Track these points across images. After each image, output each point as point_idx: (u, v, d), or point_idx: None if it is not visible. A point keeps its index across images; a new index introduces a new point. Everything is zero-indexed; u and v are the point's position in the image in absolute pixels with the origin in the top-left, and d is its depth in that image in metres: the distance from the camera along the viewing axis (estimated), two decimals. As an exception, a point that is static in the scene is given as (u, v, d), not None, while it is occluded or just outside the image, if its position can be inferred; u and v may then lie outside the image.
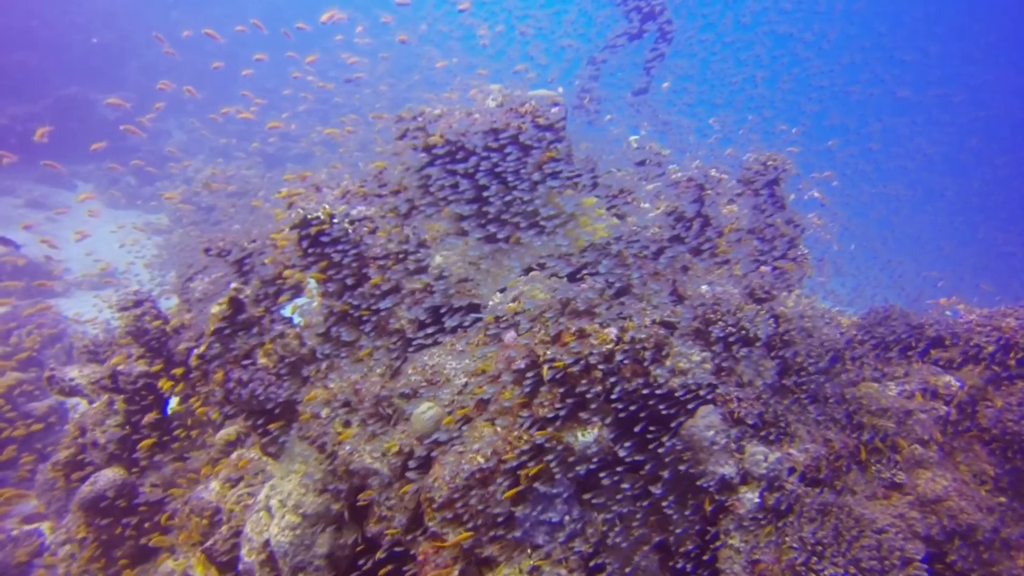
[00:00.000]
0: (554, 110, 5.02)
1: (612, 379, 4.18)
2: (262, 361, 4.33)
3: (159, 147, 22.16)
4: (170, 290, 6.75)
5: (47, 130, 9.28)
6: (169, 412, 6.10)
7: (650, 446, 4.57)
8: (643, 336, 4.23)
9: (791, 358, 5.63)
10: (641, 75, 13.54)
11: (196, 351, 4.46)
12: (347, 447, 4.31)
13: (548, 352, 3.99)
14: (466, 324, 4.75)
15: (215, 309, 4.32)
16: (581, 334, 4.05)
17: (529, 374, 4.08)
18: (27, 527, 8.44)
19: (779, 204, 6.15)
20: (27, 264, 15.82)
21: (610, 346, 4.02)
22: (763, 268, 5.78)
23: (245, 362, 4.27)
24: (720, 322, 5.24)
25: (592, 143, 6.25)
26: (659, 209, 6.23)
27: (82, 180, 23.96)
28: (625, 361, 4.19)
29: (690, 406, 4.83)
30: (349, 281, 4.52)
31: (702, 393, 4.79)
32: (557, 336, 4.13)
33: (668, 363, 4.70)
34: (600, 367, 4.06)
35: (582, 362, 4.02)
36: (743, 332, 5.30)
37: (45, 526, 8.35)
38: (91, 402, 6.13)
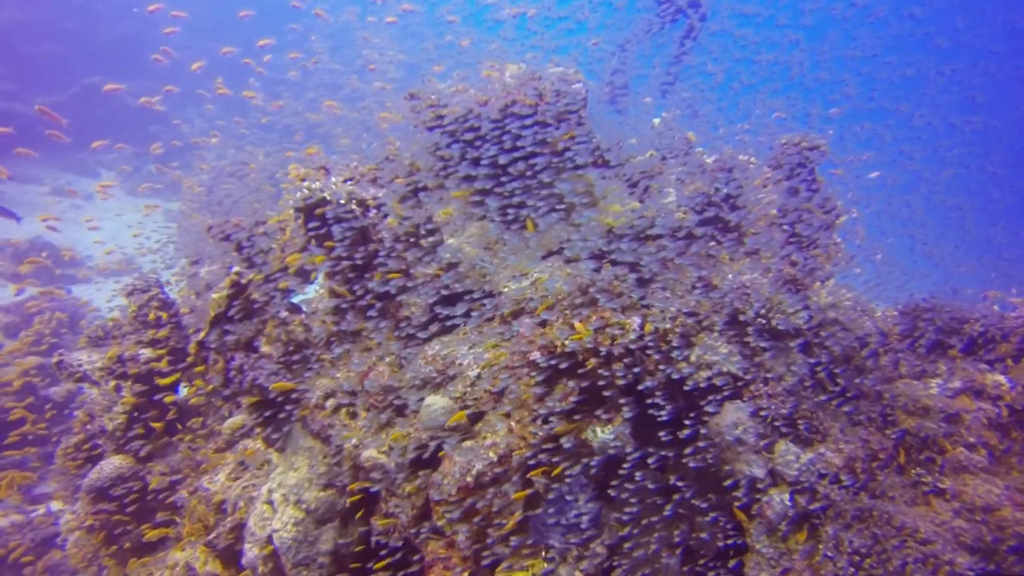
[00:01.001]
0: (576, 86, 4.72)
1: (634, 371, 3.90)
2: (264, 348, 4.14)
3: (181, 135, 22.25)
4: (180, 275, 6.62)
5: (64, 123, 9.22)
6: (178, 400, 5.97)
7: (674, 444, 4.29)
8: (668, 326, 3.94)
9: (824, 352, 5.28)
10: (669, 68, 13.20)
11: (195, 338, 4.28)
12: (353, 440, 4.10)
13: (566, 343, 3.72)
14: (480, 312, 4.50)
15: (216, 295, 4.13)
16: (601, 323, 3.77)
17: (545, 365, 3.83)
18: (41, 509, 8.48)
19: (813, 187, 5.77)
20: (48, 251, 15.98)
21: (632, 337, 3.74)
22: (795, 256, 5.43)
23: (245, 351, 4.08)
24: (749, 313, 4.92)
25: (615, 126, 5.94)
26: (685, 193, 5.90)
27: (105, 168, 24.22)
28: (649, 353, 3.91)
29: (717, 401, 4.54)
30: (358, 264, 4.30)
31: (728, 388, 4.50)
32: (576, 325, 3.86)
33: (694, 356, 4.40)
34: (623, 359, 3.79)
35: (602, 353, 3.75)
36: (774, 324, 4.97)
37: (59, 508, 8.38)
38: (100, 388, 6.04)
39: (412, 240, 4.56)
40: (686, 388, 4.29)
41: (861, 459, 4.56)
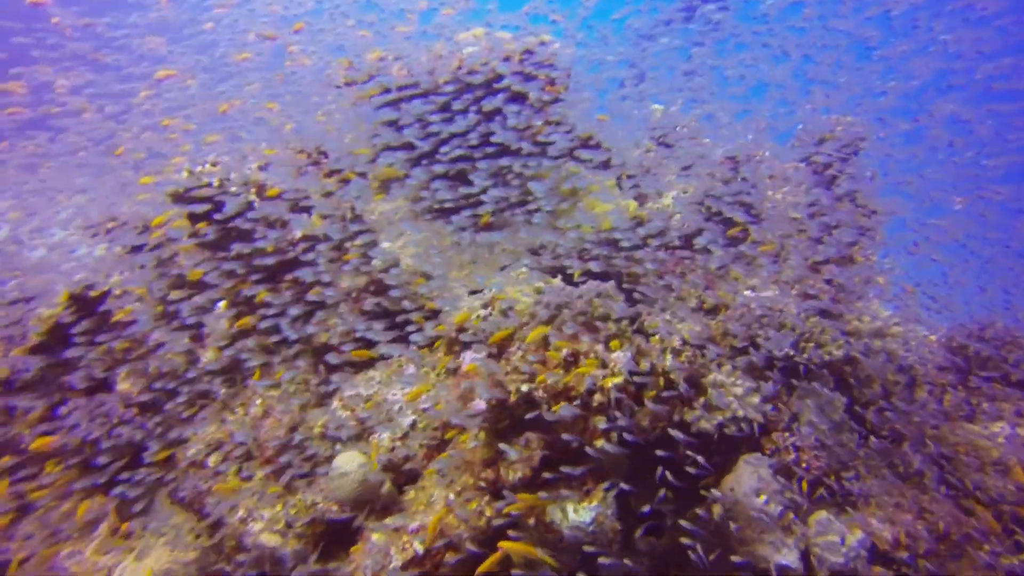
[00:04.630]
0: (553, 47, 3.68)
1: (622, 422, 2.83)
2: (122, 387, 3.05)
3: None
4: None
5: None
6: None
7: (673, 515, 3.21)
8: (668, 364, 2.86)
9: (864, 391, 4.21)
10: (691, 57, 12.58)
11: None
12: (239, 513, 3.00)
13: (524, 387, 2.64)
14: (421, 338, 3.42)
15: (44, 312, 3.03)
16: (574, 359, 2.69)
17: (494, 417, 2.75)
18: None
19: (849, 185, 4.72)
20: None
21: (619, 380, 2.65)
22: (826, 270, 4.38)
23: (87, 391, 2.98)
24: (770, 341, 3.85)
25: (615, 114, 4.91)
26: (688, 192, 4.85)
27: None
28: (642, 402, 2.83)
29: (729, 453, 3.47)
30: (266, 271, 3.23)
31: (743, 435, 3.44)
32: (541, 362, 2.78)
33: (702, 401, 3.33)
34: (606, 412, 2.70)
35: (577, 402, 2.66)
36: (802, 355, 3.90)
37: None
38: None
39: (336, 243, 3.49)
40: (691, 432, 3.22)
41: (922, 535, 3.47)
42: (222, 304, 3.40)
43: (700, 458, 2.90)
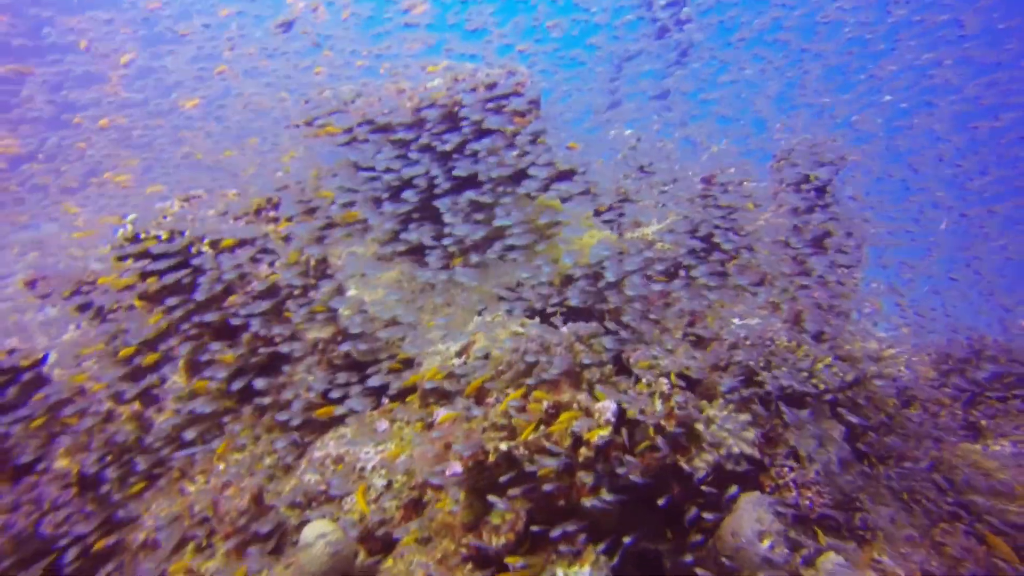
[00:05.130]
0: (520, 77, 3.56)
1: (616, 471, 2.62)
2: (60, 464, 2.77)
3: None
4: None
5: None
6: None
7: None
8: (658, 410, 2.67)
9: (863, 418, 4.04)
10: (667, 73, 12.71)
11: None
12: (198, 596, 2.72)
13: (504, 445, 2.42)
14: (393, 391, 3.21)
15: None
16: (555, 411, 2.49)
17: (477, 476, 2.52)
18: None
19: (832, 205, 4.63)
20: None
21: (606, 432, 2.45)
22: (817, 293, 4.25)
23: (12, 479, 2.69)
24: (765, 371, 3.68)
25: (584, 140, 4.80)
26: (668, 219, 4.72)
27: None
28: (632, 452, 2.63)
29: (727, 495, 3.27)
30: (212, 330, 3.01)
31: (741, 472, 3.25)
32: (522, 411, 2.57)
33: (696, 444, 3.13)
34: (592, 467, 2.49)
35: (562, 460, 2.45)
36: (798, 384, 3.73)
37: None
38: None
39: (299, 291, 3.29)
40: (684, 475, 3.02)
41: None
42: (180, 363, 3.16)
43: (709, 516, 2.69)
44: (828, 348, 3.90)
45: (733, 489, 3.17)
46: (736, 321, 3.90)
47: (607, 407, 2.46)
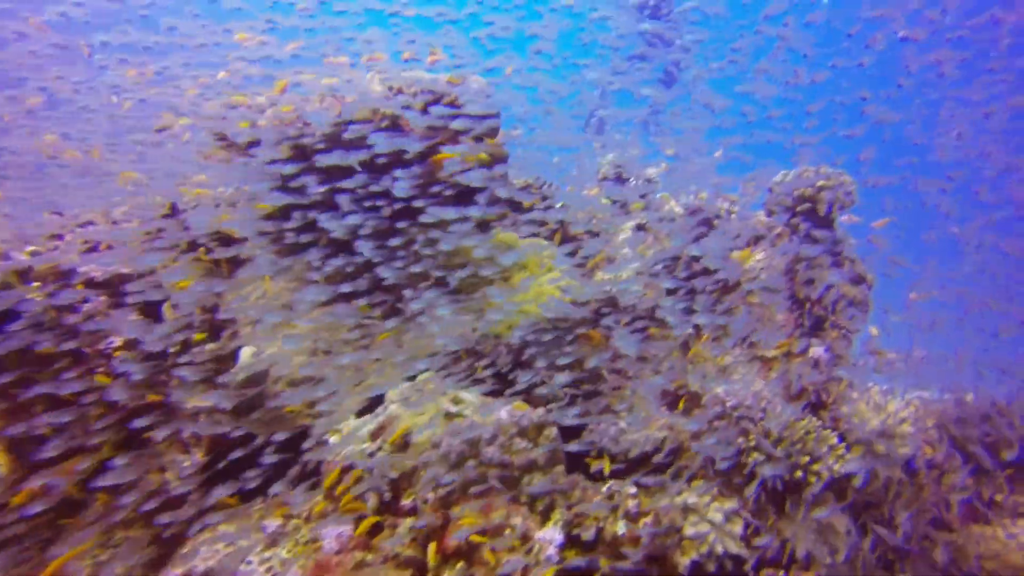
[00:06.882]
0: (473, 87, 2.93)
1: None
2: None
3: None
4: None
5: None
6: None
7: None
8: (621, 531, 2.01)
9: (871, 508, 3.44)
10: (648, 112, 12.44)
11: None
12: None
13: (405, 591, 1.75)
14: (298, 478, 2.52)
15: None
16: (479, 541, 1.82)
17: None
18: None
19: (833, 247, 4.04)
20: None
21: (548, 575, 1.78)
22: (815, 351, 3.66)
23: None
24: (755, 452, 3.05)
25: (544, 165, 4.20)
26: (647, 256, 4.11)
27: None
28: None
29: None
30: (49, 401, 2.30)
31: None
32: (438, 534, 1.90)
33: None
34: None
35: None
36: (795, 468, 3.11)
37: None
38: None
39: (175, 348, 2.60)
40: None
41: None
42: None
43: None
44: (830, 420, 3.30)
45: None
46: (720, 390, 3.26)
47: (550, 539, 1.80)
